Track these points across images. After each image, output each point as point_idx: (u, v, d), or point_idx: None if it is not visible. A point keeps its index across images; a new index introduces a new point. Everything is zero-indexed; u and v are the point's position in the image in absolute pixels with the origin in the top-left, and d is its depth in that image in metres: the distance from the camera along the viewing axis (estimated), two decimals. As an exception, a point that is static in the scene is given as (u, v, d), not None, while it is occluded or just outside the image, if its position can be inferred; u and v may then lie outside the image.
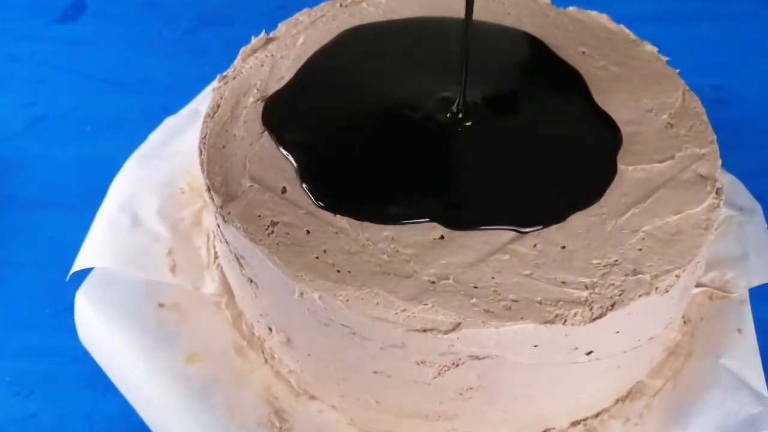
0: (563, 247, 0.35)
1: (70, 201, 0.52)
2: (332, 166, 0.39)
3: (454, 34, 0.43)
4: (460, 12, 0.39)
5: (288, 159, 0.39)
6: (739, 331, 0.41)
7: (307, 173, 0.38)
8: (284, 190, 0.37)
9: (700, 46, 0.63)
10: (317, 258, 0.34)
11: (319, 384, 0.39)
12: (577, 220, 0.36)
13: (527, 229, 0.36)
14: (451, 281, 0.33)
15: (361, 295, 0.33)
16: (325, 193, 0.37)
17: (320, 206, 0.36)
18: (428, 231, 0.35)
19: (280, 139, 0.39)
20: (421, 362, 0.33)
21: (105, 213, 0.46)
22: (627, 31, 0.45)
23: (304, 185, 0.37)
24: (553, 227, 0.36)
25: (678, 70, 0.43)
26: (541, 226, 0.36)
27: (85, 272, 0.44)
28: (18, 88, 0.61)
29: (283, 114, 0.41)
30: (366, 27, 0.46)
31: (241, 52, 0.44)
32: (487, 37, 0.45)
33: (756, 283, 0.43)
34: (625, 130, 0.40)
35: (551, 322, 0.32)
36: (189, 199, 0.47)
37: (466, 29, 0.39)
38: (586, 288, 0.33)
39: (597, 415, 0.40)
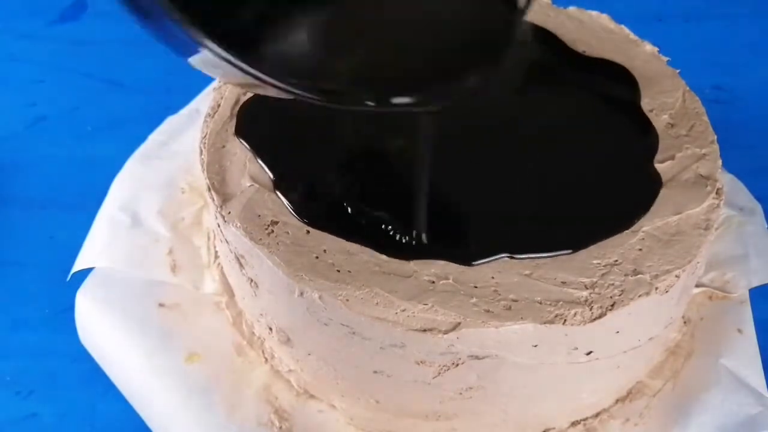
0: (563, 247, 0.35)
1: (70, 201, 0.52)
2: (313, 181, 0.37)
3: None
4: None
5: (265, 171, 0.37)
6: (739, 331, 0.41)
7: (286, 189, 0.37)
8: (284, 190, 0.37)
9: (700, 46, 0.63)
10: (317, 258, 0.34)
11: (318, 383, 0.39)
12: (577, 220, 0.36)
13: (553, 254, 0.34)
14: (450, 281, 0.33)
15: (361, 294, 0.33)
16: (308, 212, 0.36)
17: (304, 222, 0.36)
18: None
19: (256, 150, 0.38)
20: (421, 362, 0.33)
21: (105, 213, 0.46)
22: (627, 31, 0.45)
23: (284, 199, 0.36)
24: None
25: (678, 70, 0.43)
26: (571, 251, 0.35)
27: (86, 272, 0.44)
28: (18, 88, 0.61)
29: (259, 121, 0.40)
30: None
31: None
32: None
33: (756, 283, 0.43)
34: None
35: (551, 322, 0.32)
36: (189, 199, 0.47)
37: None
38: (586, 288, 0.33)
39: (597, 415, 0.40)
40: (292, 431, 0.39)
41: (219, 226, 0.38)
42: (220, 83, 0.42)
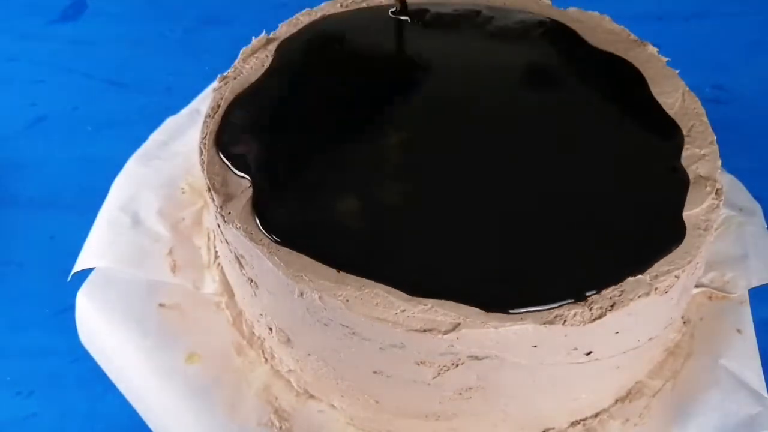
0: (563, 248, 0.35)
1: (70, 201, 0.52)
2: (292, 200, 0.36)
3: (436, 22, 0.41)
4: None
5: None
6: (739, 331, 0.41)
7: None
8: (284, 191, 0.37)
9: (700, 45, 0.63)
10: (317, 258, 0.34)
11: (318, 383, 0.39)
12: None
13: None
14: (450, 281, 0.33)
15: (361, 295, 0.33)
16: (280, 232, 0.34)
17: (276, 242, 0.34)
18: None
19: (236, 163, 0.37)
20: (421, 362, 0.33)
21: (106, 213, 0.46)
22: (627, 31, 0.45)
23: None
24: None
25: (678, 71, 0.43)
26: (595, 292, 0.33)
27: (86, 272, 0.44)
28: (18, 88, 0.61)
29: (241, 130, 0.39)
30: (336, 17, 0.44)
31: (241, 52, 0.44)
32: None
33: (755, 283, 0.43)
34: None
35: (551, 322, 0.32)
36: (189, 199, 0.47)
37: None
38: (586, 288, 0.33)
39: (596, 415, 0.40)
40: (292, 431, 0.39)
41: (219, 226, 0.38)
42: (221, 83, 0.42)
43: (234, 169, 0.37)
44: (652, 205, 0.36)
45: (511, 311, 0.32)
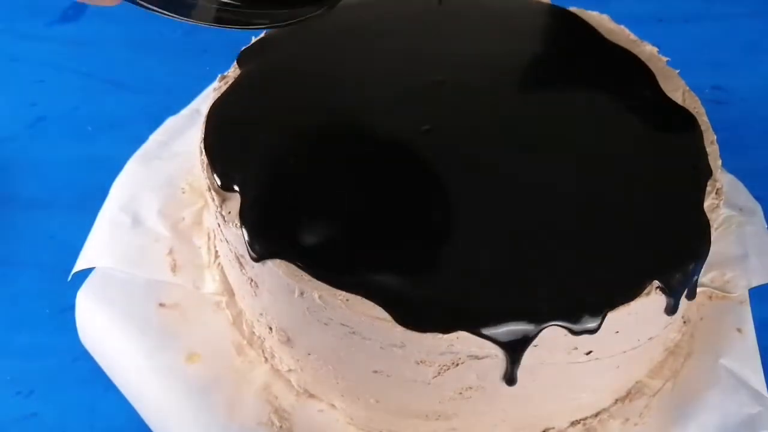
0: (563, 247, 0.35)
1: (70, 201, 0.52)
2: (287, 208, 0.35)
3: (435, 18, 0.40)
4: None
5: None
6: (739, 331, 0.41)
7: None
8: (284, 190, 0.37)
9: (700, 46, 0.63)
10: (317, 258, 0.34)
11: (318, 383, 0.39)
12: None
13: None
14: (450, 281, 0.33)
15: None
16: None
17: (252, 258, 0.33)
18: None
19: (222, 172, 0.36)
20: (421, 362, 0.33)
21: (106, 213, 0.46)
22: (627, 31, 0.45)
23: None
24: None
25: (678, 71, 0.43)
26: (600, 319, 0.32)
27: (86, 272, 0.44)
28: (18, 88, 0.61)
29: (228, 133, 0.38)
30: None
31: (241, 52, 0.44)
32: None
33: (756, 283, 0.43)
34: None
35: (551, 322, 0.32)
36: (190, 199, 0.47)
37: None
38: (586, 288, 0.33)
39: (596, 414, 0.40)
40: (292, 431, 0.39)
41: (219, 225, 0.38)
42: (221, 83, 0.42)
43: (222, 187, 0.37)
44: (677, 209, 0.35)
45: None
